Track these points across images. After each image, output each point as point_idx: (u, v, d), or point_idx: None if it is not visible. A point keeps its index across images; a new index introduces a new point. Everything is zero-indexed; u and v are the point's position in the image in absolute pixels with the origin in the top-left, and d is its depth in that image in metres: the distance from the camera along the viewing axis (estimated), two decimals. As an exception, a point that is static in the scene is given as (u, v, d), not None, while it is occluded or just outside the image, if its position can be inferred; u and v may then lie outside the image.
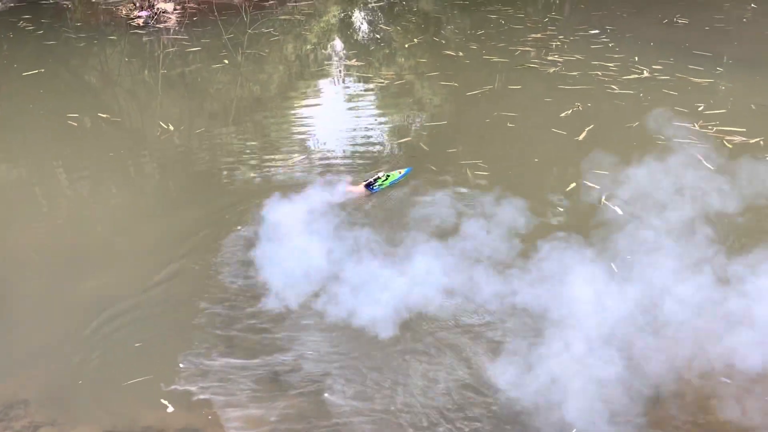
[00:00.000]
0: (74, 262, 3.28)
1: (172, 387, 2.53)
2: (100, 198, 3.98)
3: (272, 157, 4.37)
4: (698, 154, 3.94)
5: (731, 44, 5.84)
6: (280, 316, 2.90)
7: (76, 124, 4.92)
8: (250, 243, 3.35)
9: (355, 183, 3.92)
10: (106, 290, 3.05)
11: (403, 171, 3.99)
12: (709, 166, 3.81)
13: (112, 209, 3.83)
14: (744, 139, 4.23)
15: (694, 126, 4.40)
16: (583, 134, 4.41)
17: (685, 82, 5.20)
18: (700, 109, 4.68)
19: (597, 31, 6.66)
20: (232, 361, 2.66)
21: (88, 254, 3.35)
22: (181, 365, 2.63)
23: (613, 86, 5.21)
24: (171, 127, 4.79)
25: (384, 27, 8.17)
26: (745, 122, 4.39)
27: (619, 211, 3.44)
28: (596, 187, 3.67)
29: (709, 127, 4.38)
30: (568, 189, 3.71)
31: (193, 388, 2.53)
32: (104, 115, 5.08)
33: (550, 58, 5.93)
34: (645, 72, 5.47)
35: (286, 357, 2.68)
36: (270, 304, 2.96)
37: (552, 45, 6.37)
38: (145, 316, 2.90)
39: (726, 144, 4.19)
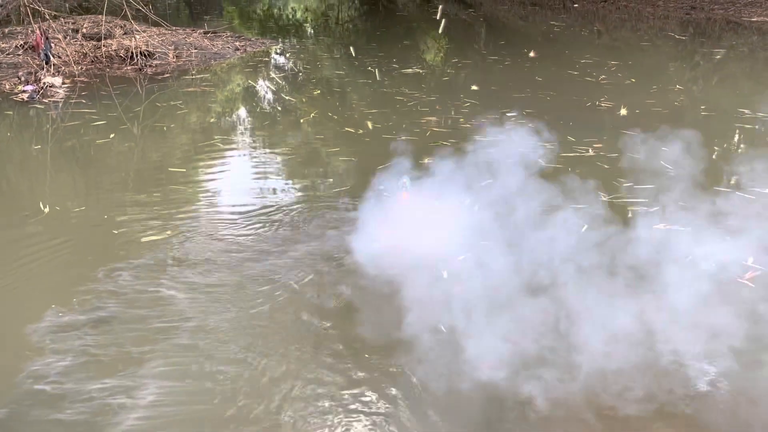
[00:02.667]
0: None
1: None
2: None
3: (153, 235, 4.15)
4: (582, 221, 4.05)
5: (669, 125, 5.80)
6: (122, 406, 2.67)
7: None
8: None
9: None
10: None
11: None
12: (584, 231, 3.91)
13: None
14: (645, 208, 4.36)
15: (604, 197, 4.47)
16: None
17: (621, 159, 5.20)
18: (627, 184, 4.73)
19: (515, 114, 6.61)
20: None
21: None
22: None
23: (539, 160, 5.18)
24: (46, 209, 4.46)
25: (286, 97, 8.20)
26: (660, 195, 4.42)
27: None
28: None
29: (618, 199, 4.47)
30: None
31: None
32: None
33: (473, 137, 5.69)
34: (590, 150, 5.51)
35: None
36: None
37: (468, 125, 6.30)
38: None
39: (628, 214, 4.30)
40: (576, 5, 15.52)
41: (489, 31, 13.95)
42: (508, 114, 6.55)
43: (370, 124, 6.48)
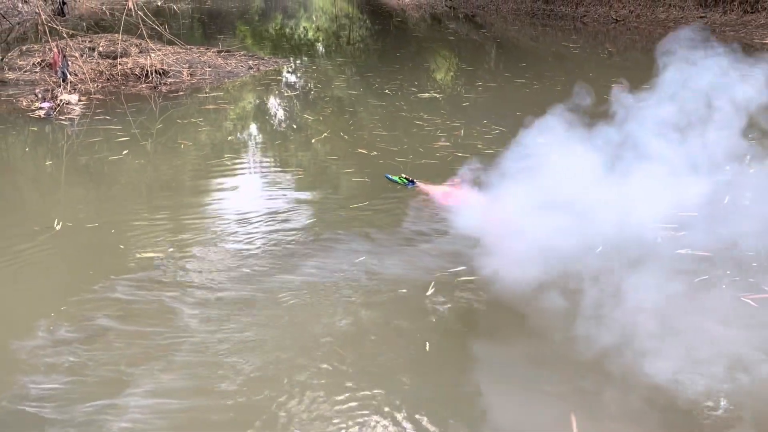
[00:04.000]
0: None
1: None
2: None
3: (157, 253, 4.15)
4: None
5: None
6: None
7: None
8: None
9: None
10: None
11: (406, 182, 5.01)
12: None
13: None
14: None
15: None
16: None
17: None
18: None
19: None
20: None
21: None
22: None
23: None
24: (58, 224, 4.48)
25: (299, 115, 8.26)
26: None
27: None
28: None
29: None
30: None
31: None
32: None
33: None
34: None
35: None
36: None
37: (491, 151, 5.86)
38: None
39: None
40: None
41: (506, 52, 13.97)
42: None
43: (381, 146, 6.49)
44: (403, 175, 5.21)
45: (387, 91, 8.93)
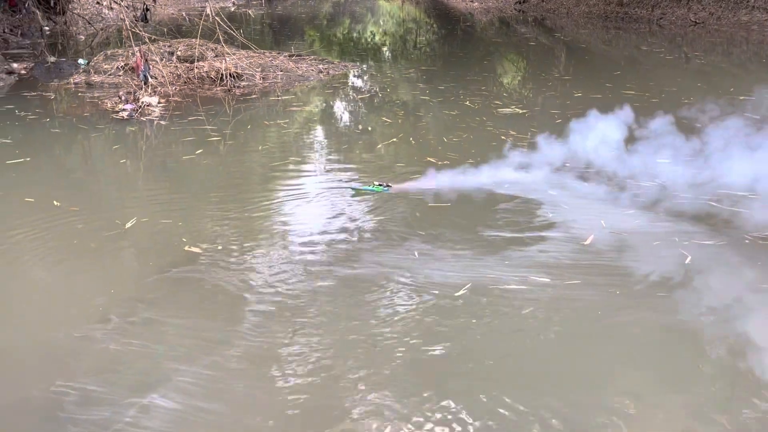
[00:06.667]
0: None
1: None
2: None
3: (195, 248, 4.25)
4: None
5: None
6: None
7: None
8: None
9: None
10: None
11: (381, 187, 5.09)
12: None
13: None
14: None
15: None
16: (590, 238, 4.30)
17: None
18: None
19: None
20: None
21: None
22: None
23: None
24: (128, 225, 4.61)
25: (366, 119, 8.33)
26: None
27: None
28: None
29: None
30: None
31: None
32: (57, 203, 4.95)
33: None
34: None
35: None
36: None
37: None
38: None
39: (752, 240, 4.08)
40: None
41: (592, 58, 13.35)
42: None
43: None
44: (376, 182, 5.28)
45: (468, 102, 8.62)
